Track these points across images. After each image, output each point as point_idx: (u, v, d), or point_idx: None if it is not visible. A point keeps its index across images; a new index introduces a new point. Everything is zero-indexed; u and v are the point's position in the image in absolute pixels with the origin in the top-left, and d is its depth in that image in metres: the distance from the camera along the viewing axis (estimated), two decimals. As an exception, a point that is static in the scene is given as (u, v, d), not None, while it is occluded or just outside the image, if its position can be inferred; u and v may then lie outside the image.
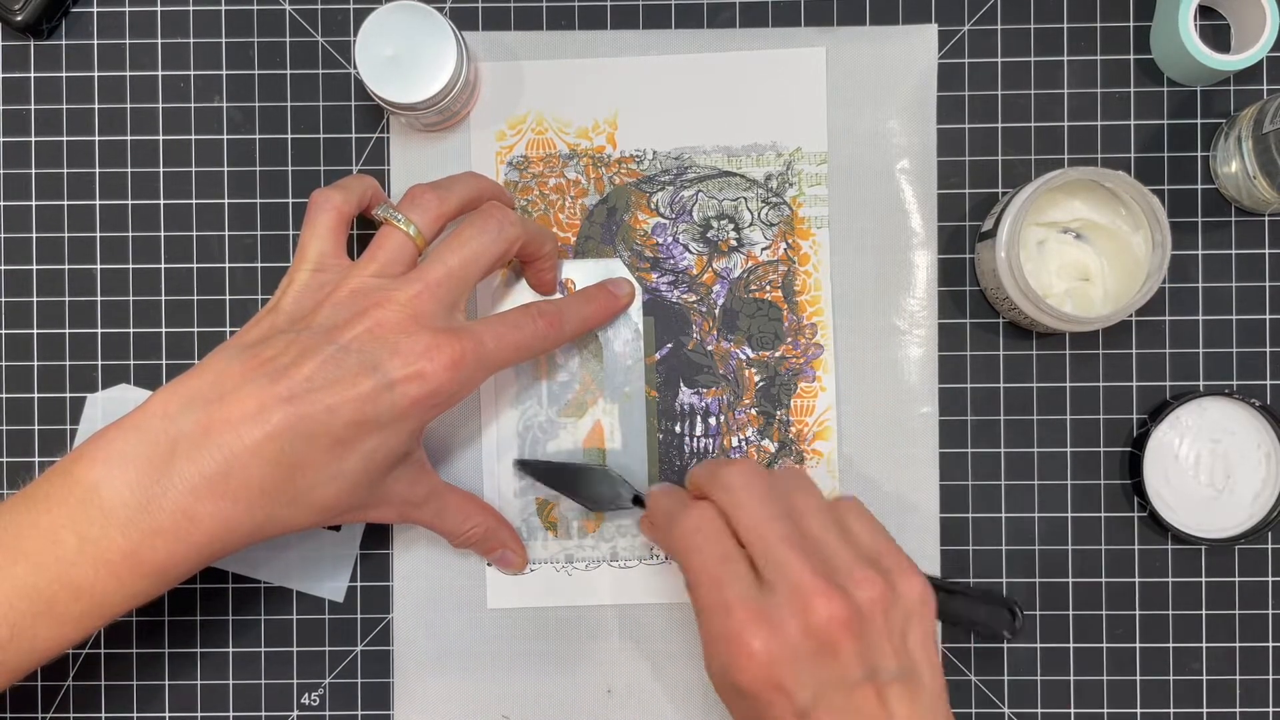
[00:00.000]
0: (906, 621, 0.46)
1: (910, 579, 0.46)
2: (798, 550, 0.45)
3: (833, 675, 0.44)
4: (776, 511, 0.47)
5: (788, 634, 0.44)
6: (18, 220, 0.57)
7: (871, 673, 0.44)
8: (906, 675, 0.45)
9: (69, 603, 0.42)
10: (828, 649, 0.44)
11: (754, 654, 0.43)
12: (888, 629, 0.45)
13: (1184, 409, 0.55)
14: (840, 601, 0.44)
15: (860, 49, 0.57)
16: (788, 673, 0.43)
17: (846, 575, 0.45)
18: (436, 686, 0.57)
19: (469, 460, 0.57)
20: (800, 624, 0.44)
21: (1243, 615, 0.57)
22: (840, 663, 0.44)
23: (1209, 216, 0.57)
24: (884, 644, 0.45)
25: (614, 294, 0.55)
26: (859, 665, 0.44)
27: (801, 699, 0.43)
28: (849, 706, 0.43)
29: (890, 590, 0.45)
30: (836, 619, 0.44)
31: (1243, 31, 0.56)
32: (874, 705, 0.44)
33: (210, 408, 0.43)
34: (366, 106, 0.58)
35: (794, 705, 0.43)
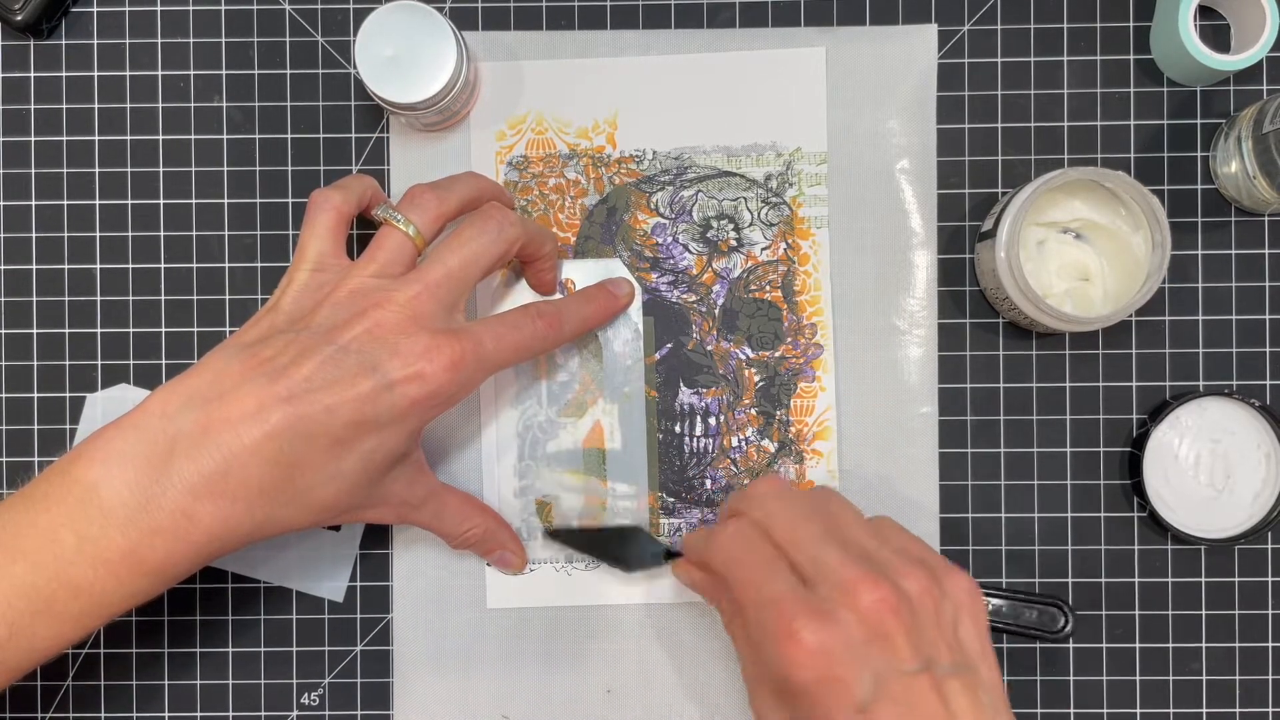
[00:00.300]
0: (957, 616, 0.45)
1: (956, 575, 0.46)
2: (837, 546, 0.45)
3: (889, 665, 0.42)
4: (811, 514, 0.47)
5: (839, 623, 0.42)
6: (18, 220, 0.58)
7: (927, 664, 0.43)
8: (963, 670, 0.43)
9: (68, 601, 0.42)
10: (880, 637, 0.43)
11: (806, 646, 0.42)
12: (939, 622, 0.44)
13: (1184, 409, 0.55)
14: (888, 588, 0.43)
15: (860, 49, 0.57)
16: (844, 663, 0.42)
17: (891, 569, 0.44)
18: (436, 686, 0.57)
19: (468, 461, 0.57)
20: (850, 613, 0.43)
21: (1242, 615, 0.57)
22: (895, 651, 0.42)
23: (1209, 216, 0.57)
24: (936, 637, 0.44)
25: (614, 294, 0.55)
26: (914, 655, 0.43)
27: (860, 690, 0.42)
28: (908, 698, 0.42)
29: (936, 585, 0.45)
30: (886, 603, 0.43)
31: (1243, 31, 0.56)
32: (933, 699, 0.42)
33: (209, 407, 0.43)
34: (366, 106, 0.58)
35: (853, 698, 0.42)
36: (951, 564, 0.46)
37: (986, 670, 0.44)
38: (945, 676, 0.43)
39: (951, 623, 0.45)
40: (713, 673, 0.56)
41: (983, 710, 0.43)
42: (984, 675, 0.44)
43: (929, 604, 0.44)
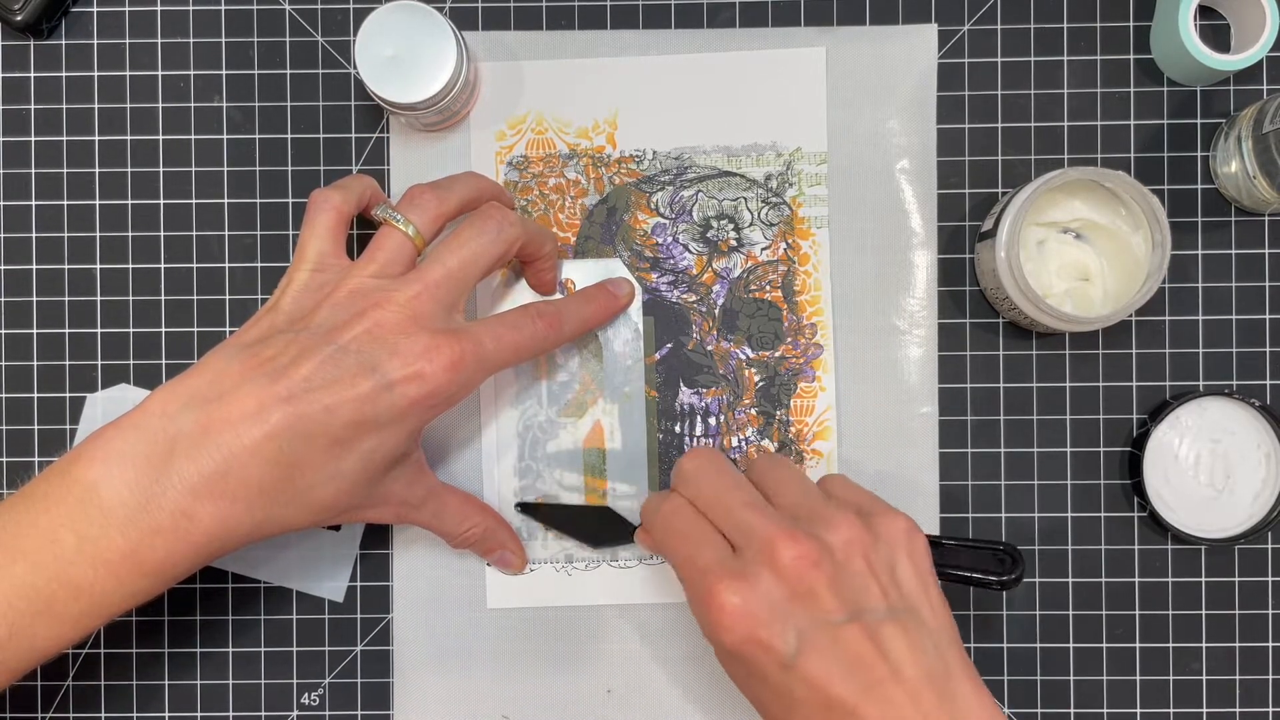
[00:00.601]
0: (893, 558, 0.45)
1: (891, 518, 0.46)
2: (759, 511, 0.45)
3: (813, 618, 0.43)
4: (734, 482, 0.47)
5: (759, 583, 0.43)
6: (18, 220, 0.58)
7: (856, 613, 0.43)
8: (900, 614, 0.43)
9: (68, 602, 0.42)
10: (802, 593, 0.43)
11: (729, 610, 0.43)
12: (871, 569, 0.44)
13: (1184, 409, 0.55)
14: (806, 542, 0.43)
15: (860, 49, 0.57)
16: (765, 624, 0.43)
17: (818, 522, 0.45)
18: (436, 686, 0.57)
19: (468, 461, 0.57)
20: (770, 572, 0.43)
21: (1242, 615, 0.57)
22: (819, 605, 0.43)
23: (1209, 216, 0.57)
24: (868, 584, 0.44)
25: (614, 294, 0.55)
26: (840, 607, 0.43)
27: (783, 648, 0.42)
28: (836, 648, 0.42)
29: (868, 532, 0.45)
30: (805, 558, 0.43)
31: (1243, 31, 0.56)
32: (865, 645, 0.42)
33: (209, 407, 0.43)
34: (366, 106, 0.58)
35: (778, 656, 0.43)
36: (887, 506, 0.47)
37: (928, 611, 0.44)
38: (879, 622, 0.43)
39: (887, 566, 0.45)
40: (713, 673, 0.56)
41: (922, 652, 0.43)
42: (925, 616, 0.44)
43: (857, 550, 0.44)
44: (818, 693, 0.42)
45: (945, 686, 0.42)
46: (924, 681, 0.42)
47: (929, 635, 0.43)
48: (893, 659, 0.42)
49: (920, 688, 0.42)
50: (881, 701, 0.42)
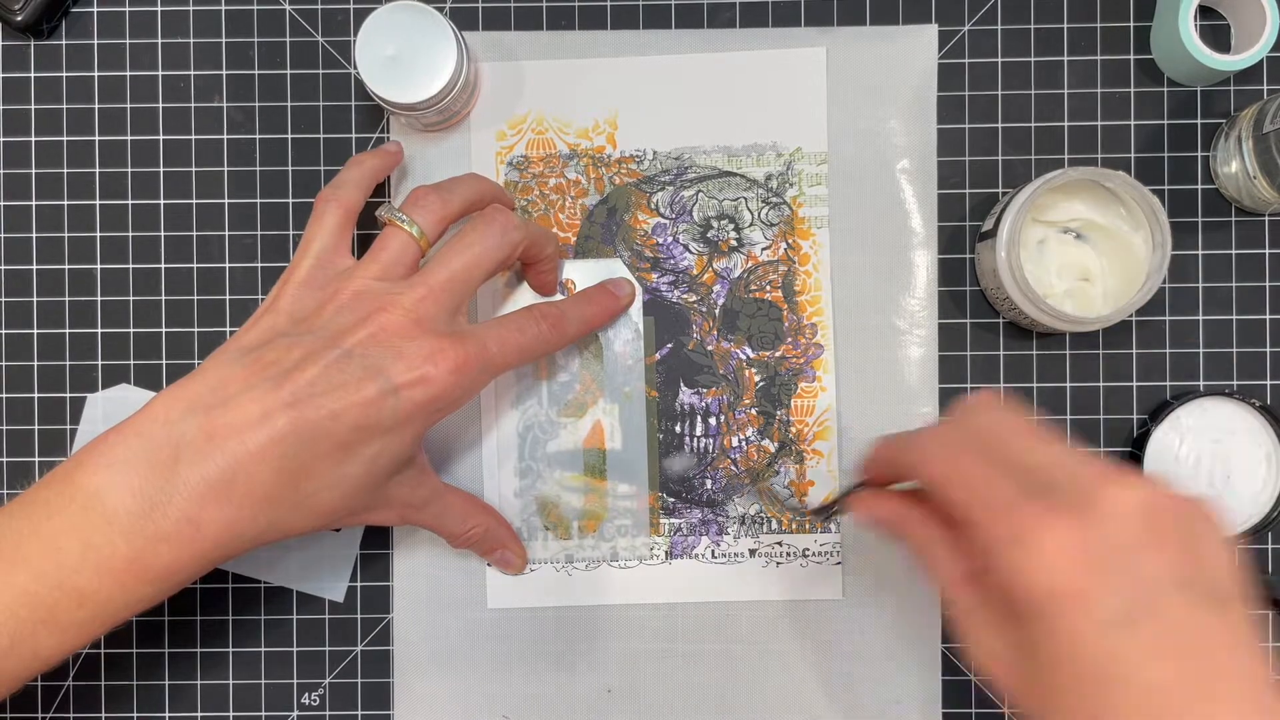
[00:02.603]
0: (1211, 536, 0.37)
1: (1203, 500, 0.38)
2: (1075, 455, 0.38)
3: (1156, 577, 0.35)
4: (1034, 426, 0.40)
5: (1097, 523, 0.36)
6: (18, 220, 0.57)
7: (1185, 584, 0.35)
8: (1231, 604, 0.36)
9: (71, 610, 0.42)
10: (1151, 543, 0.35)
11: (1056, 545, 0.35)
12: (1214, 542, 0.37)
13: (1184, 409, 0.55)
14: (1148, 486, 0.36)
15: (860, 49, 0.57)
16: (1099, 569, 0.35)
17: (1135, 475, 0.37)
18: (436, 686, 0.57)
19: (469, 461, 0.57)
20: (1108, 510, 0.36)
21: (1243, 615, 0.56)
22: (1165, 561, 0.35)
23: (1209, 216, 0.57)
24: (1217, 558, 0.36)
25: (614, 294, 0.55)
26: (1169, 572, 0.35)
27: (1115, 604, 0.35)
28: (1161, 621, 0.35)
29: (1186, 500, 0.37)
30: (1147, 502, 0.36)
31: (1243, 31, 0.56)
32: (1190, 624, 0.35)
33: (213, 413, 0.43)
34: (366, 106, 0.58)
35: (1100, 612, 0.35)
36: None
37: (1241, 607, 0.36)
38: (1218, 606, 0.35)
39: (1213, 546, 0.37)
40: (713, 673, 0.57)
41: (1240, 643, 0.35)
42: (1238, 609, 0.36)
43: (1203, 518, 0.37)
44: (1138, 671, 0.35)
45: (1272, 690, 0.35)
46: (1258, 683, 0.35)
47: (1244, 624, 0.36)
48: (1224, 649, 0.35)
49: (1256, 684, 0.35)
50: (1206, 698, 0.34)
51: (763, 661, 0.56)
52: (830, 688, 0.56)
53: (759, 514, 0.57)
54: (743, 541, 0.57)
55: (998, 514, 0.37)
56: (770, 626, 0.56)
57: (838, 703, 0.56)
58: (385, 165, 0.53)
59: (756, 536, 0.57)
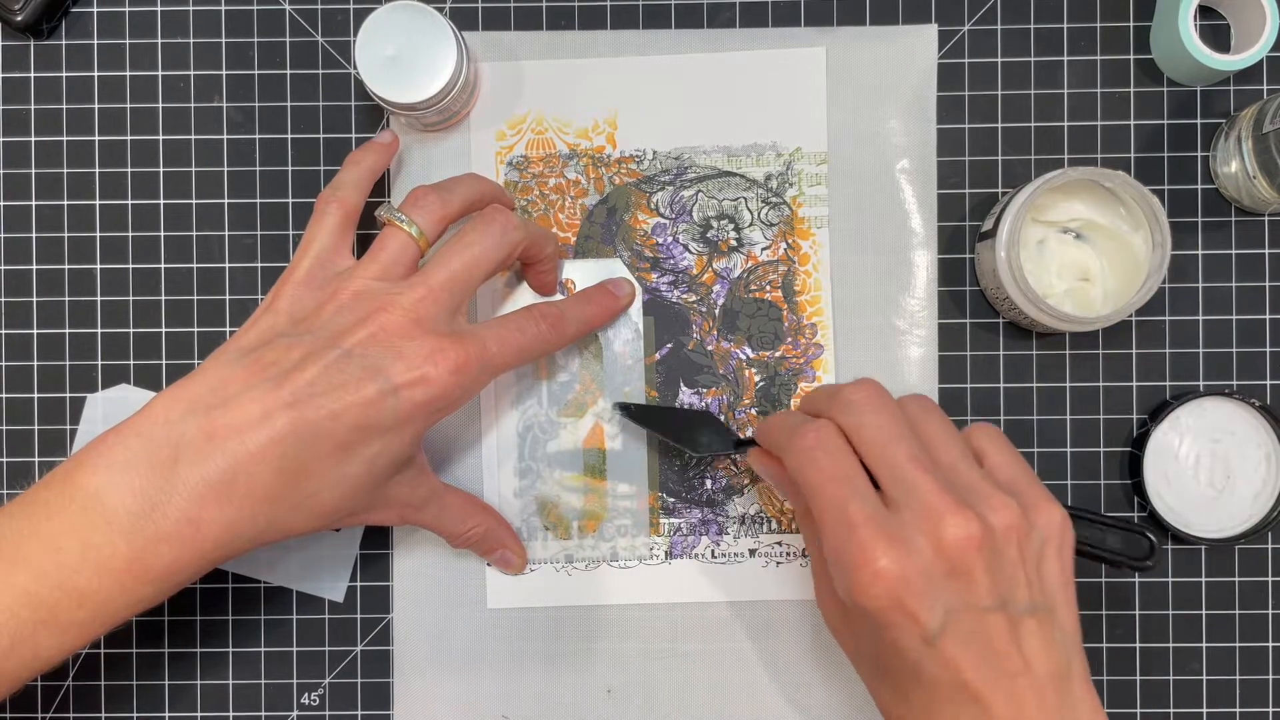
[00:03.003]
0: (1042, 553, 0.43)
1: (1049, 508, 0.44)
2: (927, 471, 0.43)
3: (963, 600, 0.41)
4: (904, 431, 0.44)
5: (917, 553, 0.41)
6: (18, 220, 0.57)
7: (1003, 603, 0.42)
8: (1040, 610, 0.42)
9: (72, 610, 0.42)
10: (959, 571, 0.41)
11: (881, 573, 0.41)
12: (1022, 559, 0.42)
13: (1184, 409, 0.55)
14: (975, 522, 0.41)
15: (860, 49, 0.57)
16: (917, 594, 0.41)
17: (980, 498, 0.43)
18: (436, 686, 0.57)
19: (469, 461, 0.57)
20: (931, 543, 0.41)
21: (1243, 615, 0.57)
22: (972, 588, 0.41)
23: (1209, 216, 0.57)
24: (1018, 574, 0.42)
25: (614, 294, 0.55)
26: (991, 593, 0.41)
27: (930, 623, 0.41)
28: (979, 635, 0.41)
29: (1025, 520, 0.43)
30: (972, 539, 0.41)
31: (1243, 31, 0.56)
32: (1005, 637, 0.41)
33: (213, 413, 0.43)
34: (366, 106, 0.58)
35: (921, 629, 0.41)
36: (1044, 492, 0.45)
37: (1064, 612, 0.43)
38: (1021, 615, 0.42)
39: (1036, 558, 0.43)
40: (713, 673, 0.57)
41: (1055, 652, 0.42)
42: (1061, 617, 0.43)
43: (1014, 539, 0.42)
44: (952, 674, 0.41)
45: (1067, 687, 0.42)
46: (1050, 680, 0.41)
47: (1061, 634, 0.43)
48: (1026, 654, 0.41)
49: (1046, 686, 0.41)
50: (1010, 695, 0.41)
51: (763, 661, 0.56)
52: (830, 688, 0.56)
53: (759, 514, 0.57)
54: (743, 541, 0.57)
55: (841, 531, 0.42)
56: (770, 626, 0.56)
57: (838, 702, 0.56)
58: (383, 161, 0.53)
59: (756, 536, 0.57)
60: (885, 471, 0.43)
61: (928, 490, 0.42)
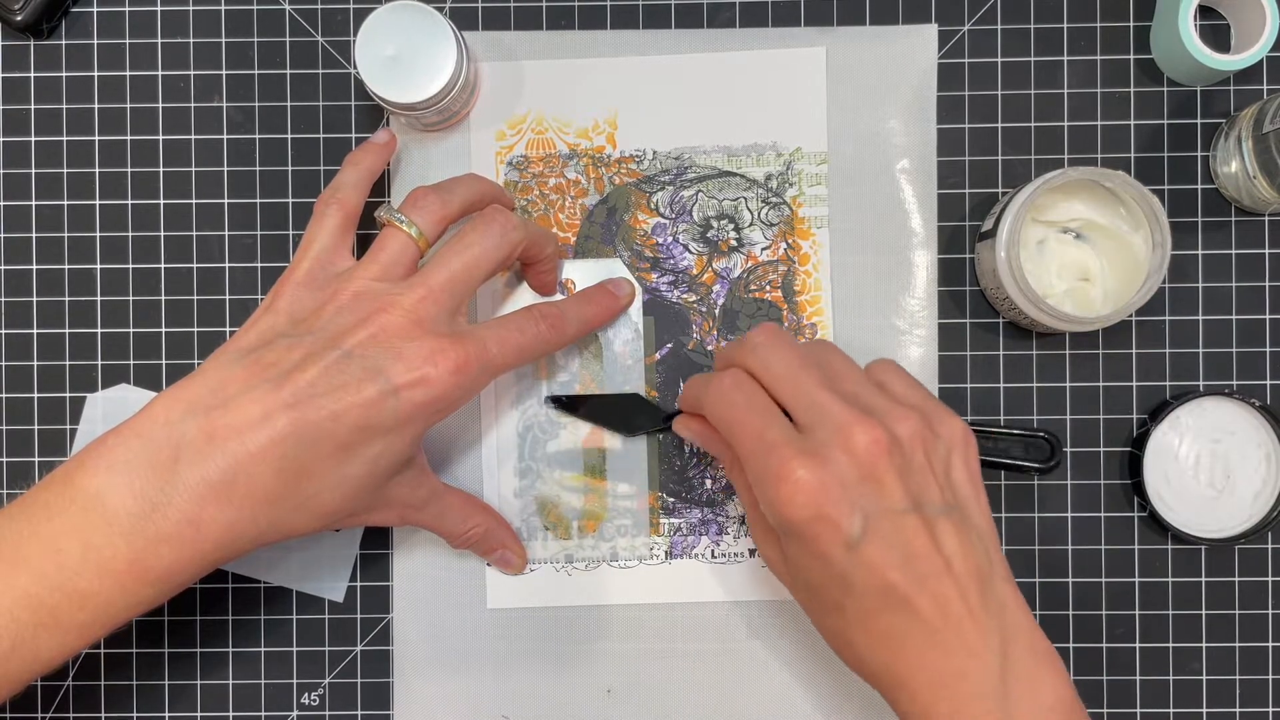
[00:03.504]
0: (949, 459, 0.46)
1: (949, 419, 0.46)
2: (832, 392, 0.45)
3: (879, 504, 0.43)
4: (808, 363, 0.47)
5: (832, 463, 0.43)
6: (18, 220, 0.57)
7: (917, 505, 0.44)
8: (953, 512, 0.44)
9: (72, 612, 0.42)
10: (872, 477, 0.43)
11: (800, 483, 0.43)
12: (929, 464, 0.45)
13: (1184, 409, 0.55)
14: (880, 429, 0.44)
15: (860, 49, 0.57)
16: (834, 501, 0.43)
17: (884, 413, 0.45)
18: (436, 686, 0.57)
19: (469, 461, 0.57)
20: (843, 453, 0.43)
21: (1243, 615, 0.57)
22: (885, 491, 0.43)
23: (1209, 216, 0.57)
24: (928, 479, 0.44)
25: (614, 294, 0.55)
26: (904, 495, 0.44)
27: (850, 528, 0.43)
28: (897, 536, 0.43)
29: (929, 429, 0.45)
30: (879, 443, 0.44)
31: (1243, 31, 0.56)
32: (923, 537, 0.43)
33: (213, 414, 0.43)
34: (366, 106, 0.58)
35: (843, 534, 0.43)
36: (945, 407, 0.47)
37: (977, 512, 0.45)
38: (935, 516, 0.44)
39: (944, 465, 0.45)
40: (713, 673, 0.57)
41: (971, 549, 0.44)
42: (974, 517, 0.45)
43: (920, 446, 0.45)
44: (876, 577, 0.43)
45: (989, 584, 0.44)
46: (971, 576, 0.43)
47: (976, 534, 0.44)
48: (945, 552, 0.43)
49: (968, 582, 0.43)
50: (933, 593, 0.43)
51: (763, 661, 0.56)
52: (830, 687, 0.56)
53: (759, 514, 0.57)
54: (743, 541, 0.57)
55: (761, 455, 0.45)
56: (770, 626, 0.56)
57: (838, 702, 0.56)
58: (382, 161, 0.53)
59: (756, 536, 0.57)
60: (795, 400, 0.46)
61: (835, 408, 0.45)
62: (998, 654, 0.43)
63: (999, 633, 0.43)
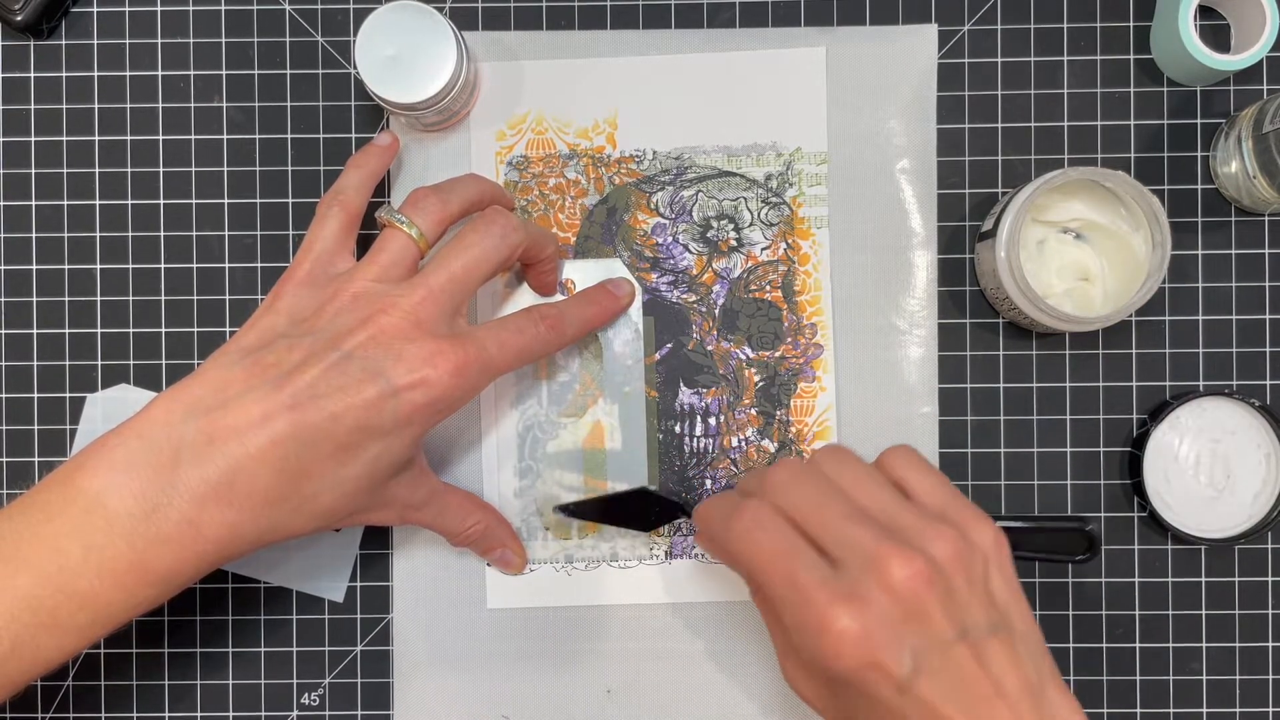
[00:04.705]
0: (986, 571, 0.44)
1: (981, 526, 0.44)
2: (862, 523, 0.43)
3: (926, 639, 0.41)
4: (829, 491, 0.45)
5: (873, 605, 0.41)
6: (18, 220, 0.57)
7: (964, 632, 0.42)
8: (999, 628, 0.43)
9: (73, 613, 0.42)
10: (915, 612, 0.42)
11: (844, 634, 0.41)
12: (969, 583, 0.43)
13: (1184, 409, 0.55)
14: (919, 559, 0.42)
15: (860, 49, 0.57)
16: (883, 646, 0.41)
17: (917, 535, 0.43)
18: (436, 686, 0.57)
19: (470, 461, 0.57)
20: (883, 591, 0.42)
21: (1243, 615, 0.57)
22: (931, 624, 0.42)
23: (1209, 216, 0.57)
24: (970, 600, 0.43)
25: (614, 295, 0.55)
26: (950, 625, 0.42)
27: (901, 670, 0.41)
28: (948, 668, 0.41)
29: (964, 541, 0.43)
30: (919, 576, 0.42)
31: (1243, 31, 0.56)
32: (972, 665, 0.41)
33: (213, 415, 0.43)
34: (366, 106, 0.58)
35: (895, 679, 0.41)
36: (973, 509, 0.45)
37: (1019, 619, 0.44)
38: (983, 639, 0.42)
39: (982, 579, 0.44)
40: (713, 673, 0.57)
41: (1022, 663, 0.42)
42: (1018, 626, 0.43)
43: (959, 565, 0.43)
44: (930, 713, 0.41)
45: (1040, 696, 0.42)
46: (1023, 694, 0.42)
47: (1023, 645, 0.43)
48: (995, 675, 0.42)
49: (1020, 701, 0.41)
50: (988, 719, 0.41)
51: (762, 661, 0.56)
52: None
53: (759, 514, 0.57)
54: (743, 541, 0.57)
55: (797, 604, 0.43)
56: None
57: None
58: (384, 164, 0.53)
59: (756, 536, 0.56)
60: (823, 535, 0.44)
61: (866, 541, 0.43)
62: None
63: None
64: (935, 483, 0.46)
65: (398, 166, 0.57)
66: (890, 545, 0.42)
